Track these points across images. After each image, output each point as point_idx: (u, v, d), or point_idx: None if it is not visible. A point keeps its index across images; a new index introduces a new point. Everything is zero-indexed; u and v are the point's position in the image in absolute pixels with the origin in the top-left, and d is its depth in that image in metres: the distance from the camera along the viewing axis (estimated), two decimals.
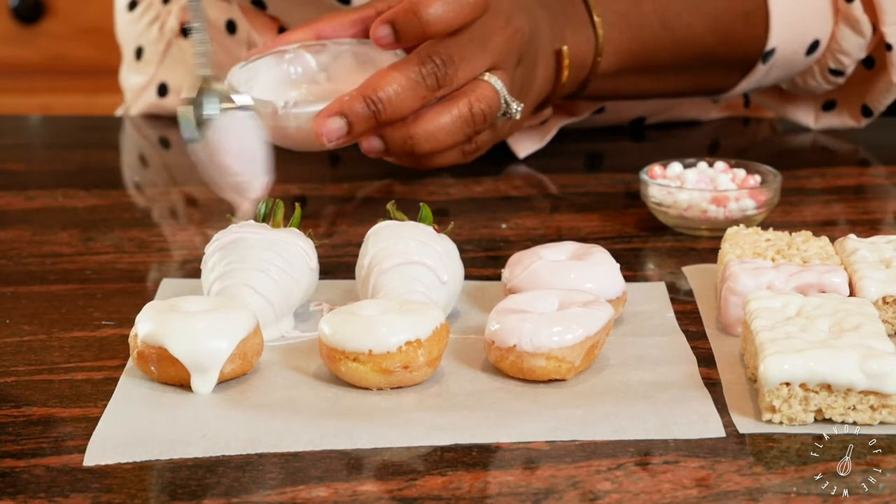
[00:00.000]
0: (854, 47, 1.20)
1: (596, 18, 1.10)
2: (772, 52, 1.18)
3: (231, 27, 1.28)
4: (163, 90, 1.33)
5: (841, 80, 1.23)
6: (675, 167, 1.06)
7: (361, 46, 1.03)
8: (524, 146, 1.22)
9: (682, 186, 1.03)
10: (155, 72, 1.33)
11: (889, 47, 1.19)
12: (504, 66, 1.01)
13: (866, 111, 1.25)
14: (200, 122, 0.91)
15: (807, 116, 1.29)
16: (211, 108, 0.91)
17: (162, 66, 1.33)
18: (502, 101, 1.01)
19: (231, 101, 0.93)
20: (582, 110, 1.26)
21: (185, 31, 1.31)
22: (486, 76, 1.00)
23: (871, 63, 1.23)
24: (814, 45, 1.19)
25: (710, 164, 1.07)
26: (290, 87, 1.02)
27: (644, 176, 1.05)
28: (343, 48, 1.04)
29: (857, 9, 1.18)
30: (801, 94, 1.28)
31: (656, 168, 1.06)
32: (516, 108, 1.01)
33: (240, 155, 0.92)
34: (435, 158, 1.02)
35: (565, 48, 1.07)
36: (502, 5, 1.01)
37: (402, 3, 0.98)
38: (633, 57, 1.14)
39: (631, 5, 1.13)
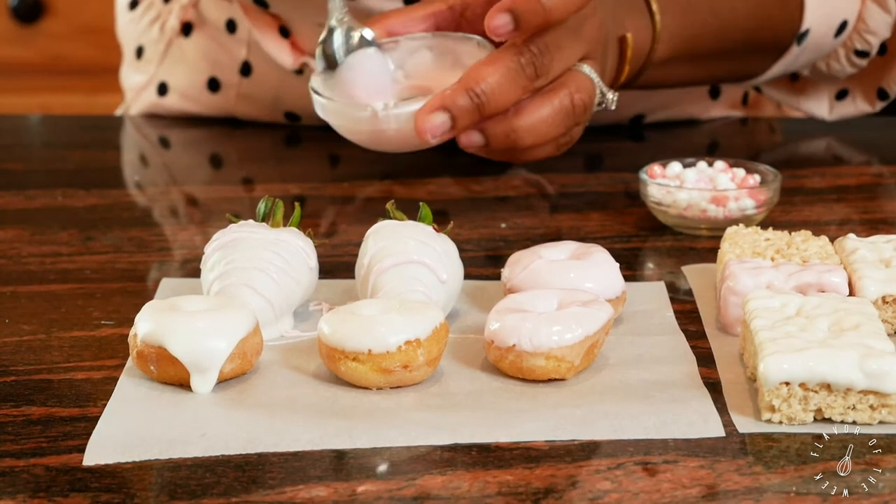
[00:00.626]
0: (881, 26, 1.20)
1: (653, 5, 1.10)
2: (805, 33, 1.18)
3: (231, 26, 1.28)
4: (163, 89, 1.33)
5: (864, 63, 1.23)
6: (675, 167, 1.06)
7: (436, 40, 1.02)
8: None
9: (681, 186, 1.03)
10: (155, 71, 1.33)
11: None
12: (594, 55, 1.00)
13: (882, 94, 1.25)
14: (332, 57, 0.92)
15: (820, 107, 1.29)
16: (339, 44, 0.94)
17: (162, 65, 1.33)
18: (598, 91, 1.00)
19: (362, 38, 0.94)
20: None
21: (185, 30, 1.31)
22: (581, 66, 0.99)
23: (884, 49, 1.24)
24: (842, 26, 1.20)
25: (710, 164, 1.07)
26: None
27: (643, 175, 1.05)
28: (416, 43, 1.03)
29: None
30: (818, 82, 1.28)
31: (656, 167, 1.06)
32: (612, 97, 1.01)
33: (368, 90, 0.93)
34: (533, 152, 1.01)
35: (629, 36, 1.07)
36: None
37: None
38: (685, 43, 1.13)
39: None
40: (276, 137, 1.27)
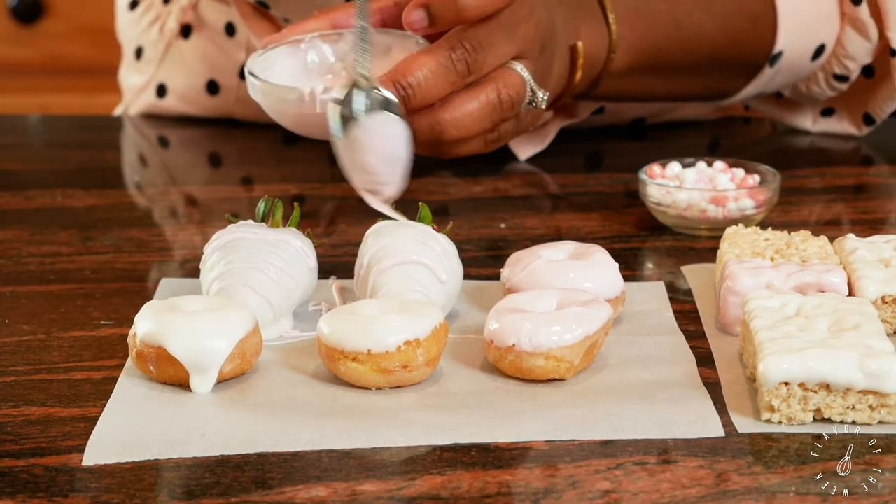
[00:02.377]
0: (860, 51, 1.20)
1: (610, 15, 1.10)
2: (779, 55, 1.18)
3: (230, 29, 1.28)
4: (161, 91, 1.33)
5: (844, 87, 1.23)
6: (674, 167, 1.06)
7: (378, 35, 1.02)
8: (524, 149, 1.22)
9: (681, 186, 1.03)
10: (154, 72, 1.33)
11: (893, 53, 1.19)
12: (529, 54, 1.00)
13: (868, 119, 1.25)
14: (347, 120, 0.91)
15: (805, 120, 1.29)
16: (359, 106, 0.91)
17: (161, 66, 1.33)
18: (528, 89, 1.00)
19: (382, 104, 0.93)
20: (582, 111, 1.26)
21: (184, 32, 1.31)
22: (513, 64, 0.99)
23: (871, 72, 1.23)
24: (819, 50, 1.19)
25: (709, 164, 1.07)
26: (307, 76, 1.02)
27: (643, 175, 1.05)
28: None
29: (864, 12, 1.18)
30: (802, 102, 1.28)
31: (655, 168, 1.06)
32: (542, 96, 1.01)
33: (380, 155, 0.92)
34: (458, 146, 1.01)
35: (580, 44, 1.07)
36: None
37: None
38: (645, 55, 1.13)
39: (643, 2, 1.12)
40: (276, 137, 1.27)
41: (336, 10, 1.03)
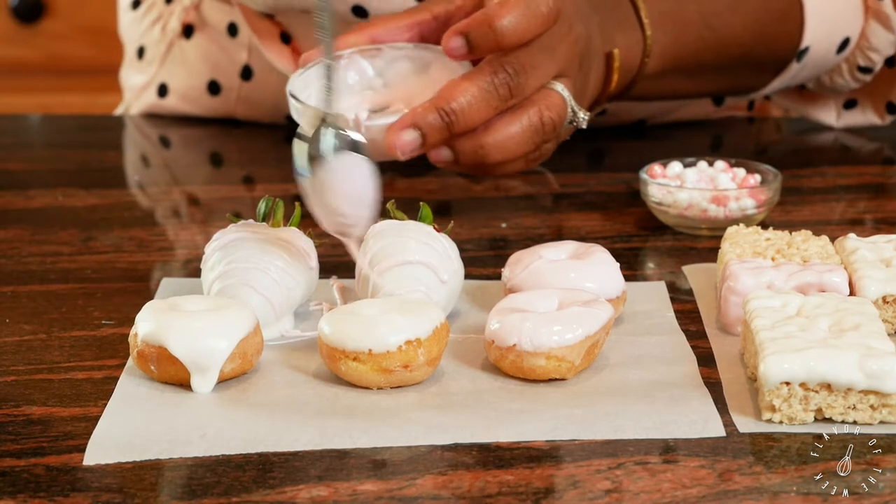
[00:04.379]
0: (884, 44, 1.21)
1: (644, 20, 1.10)
2: (805, 50, 1.18)
3: (233, 30, 1.28)
4: (163, 91, 1.33)
5: (868, 78, 1.24)
6: (675, 166, 1.06)
7: (417, 51, 1.01)
8: None
9: (682, 186, 1.03)
10: (156, 72, 1.33)
11: None
12: (569, 73, 1.01)
13: (891, 108, 1.26)
14: (314, 158, 0.89)
15: (828, 115, 1.30)
16: (327, 146, 0.90)
17: (163, 66, 1.33)
18: (569, 110, 1.01)
19: (348, 143, 0.91)
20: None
21: (186, 32, 1.31)
22: (554, 84, 1.00)
23: (892, 62, 1.24)
24: (844, 43, 1.20)
25: (710, 164, 1.07)
26: (349, 95, 1.01)
27: (644, 175, 1.05)
28: (399, 53, 1.02)
29: (888, 6, 1.19)
30: (825, 94, 1.28)
31: (656, 167, 1.06)
32: (583, 116, 1.01)
33: (348, 197, 0.90)
34: (502, 167, 1.01)
35: (616, 51, 1.07)
36: (566, 12, 1.01)
37: (476, 15, 0.96)
38: (678, 58, 1.13)
39: (675, 5, 1.13)
40: (277, 137, 1.27)
41: (374, 26, 1.03)
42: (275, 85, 1.27)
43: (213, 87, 1.30)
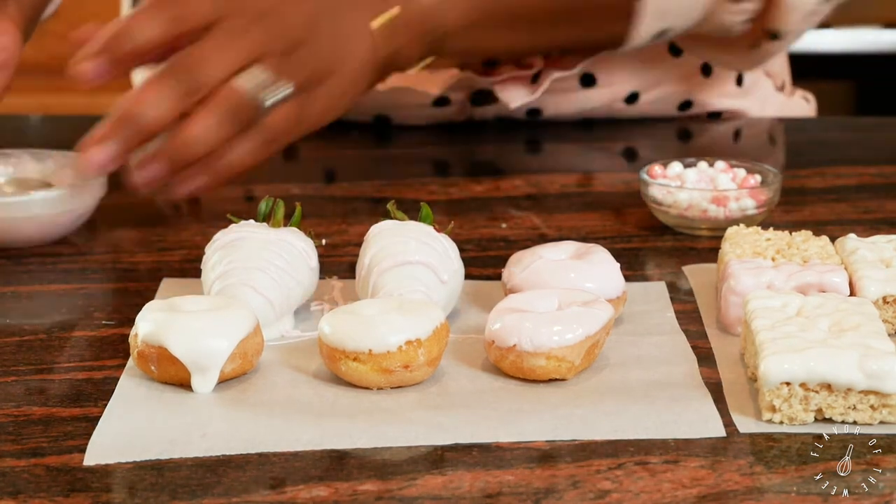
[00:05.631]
0: None
1: None
2: None
3: None
4: None
5: (749, 5, 1.19)
6: (676, 167, 1.06)
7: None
8: (514, 96, 1.22)
9: (682, 186, 1.03)
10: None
11: None
12: (270, 54, 0.98)
13: (774, 36, 1.22)
14: None
15: (742, 62, 1.27)
16: None
17: None
18: (259, 91, 0.98)
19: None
20: (572, 64, 1.25)
21: None
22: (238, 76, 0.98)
23: None
24: None
25: (711, 164, 1.07)
26: None
27: (644, 175, 1.05)
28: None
29: None
30: (729, 39, 1.24)
31: (656, 167, 1.06)
32: (284, 90, 0.98)
33: None
34: (225, 161, 0.99)
35: (375, 23, 1.04)
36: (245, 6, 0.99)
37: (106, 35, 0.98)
38: (483, 10, 1.11)
39: None
40: None
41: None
42: None
43: None
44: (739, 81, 1.35)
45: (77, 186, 1.00)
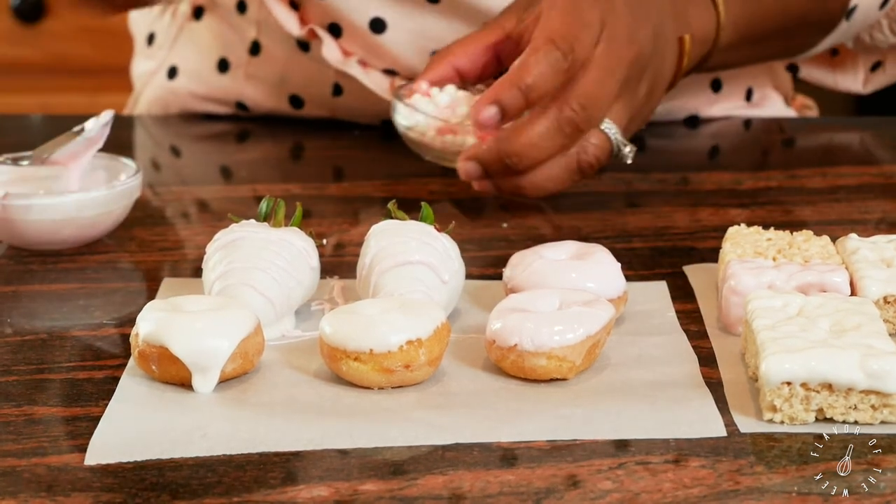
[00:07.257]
0: None
1: None
2: (854, 8, 1.22)
3: (241, 7, 1.29)
4: (172, 73, 1.33)
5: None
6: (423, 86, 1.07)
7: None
8: None
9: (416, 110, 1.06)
10: (166, 55, 1.34)
11: None
12: (626, 90, 1.03)
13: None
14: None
15: (856, 81, 1.33)
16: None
17: (173, 49, 1.33)
18: (614, 147, 1.04)
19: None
20: None
21: (196, 14, 1.32)
22: (603, 123, 1.03)
23: None
24: None
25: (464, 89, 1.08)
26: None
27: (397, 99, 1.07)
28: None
29: None
30: (856, 56, 1.31)
31: (423, 84, 1.07)
32: (628, 151, 1.03)
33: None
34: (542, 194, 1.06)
35: (687, 37, 1.09)
36: (618, 29, 1.02)
37: (502, 81, 1.00)
38: (749, 28, 1.16)
39: None
40: (278, 137, 1.27)
41: (453, 53, 1.07)
42: (281, 59, 1.28)
43: (222, 65, 1.30)
44: (749, 96, 1.36)
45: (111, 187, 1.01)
